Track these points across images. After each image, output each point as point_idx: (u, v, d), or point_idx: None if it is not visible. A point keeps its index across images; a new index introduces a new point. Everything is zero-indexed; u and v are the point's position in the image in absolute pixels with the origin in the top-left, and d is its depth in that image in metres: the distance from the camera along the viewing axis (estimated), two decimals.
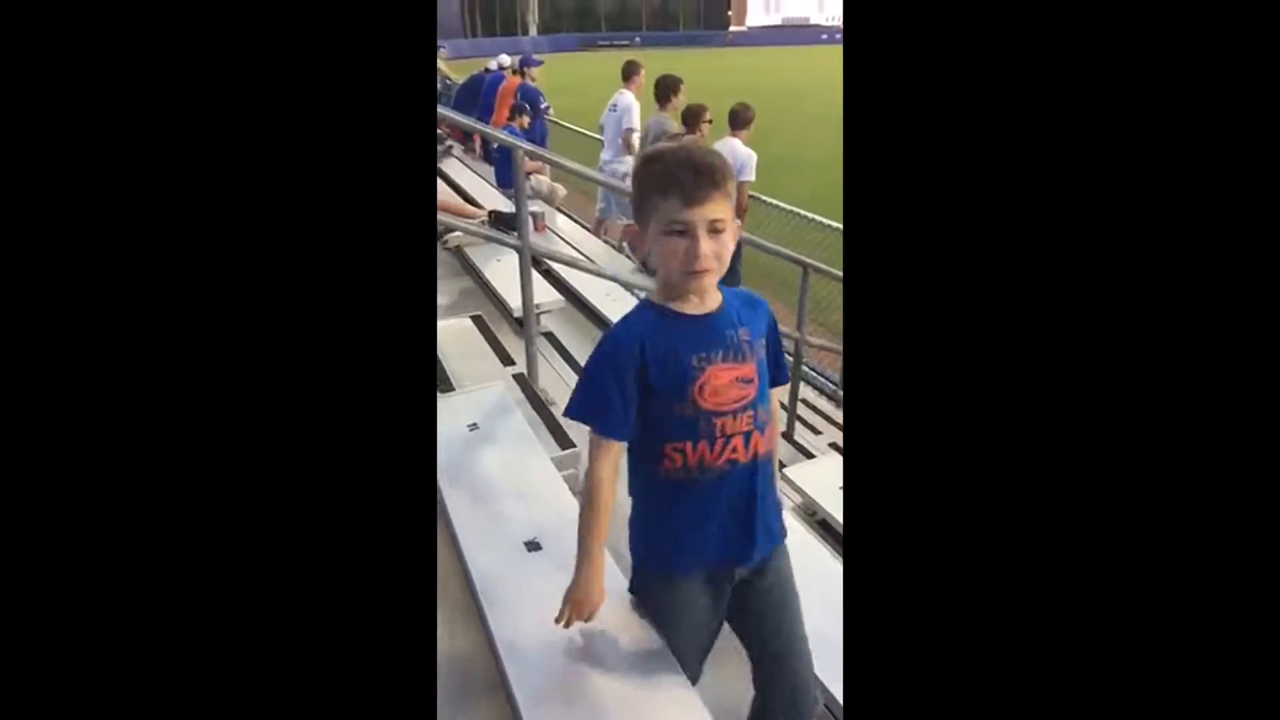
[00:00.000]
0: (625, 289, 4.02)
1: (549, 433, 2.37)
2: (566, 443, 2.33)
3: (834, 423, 4.42)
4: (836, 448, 3.85)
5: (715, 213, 1.14)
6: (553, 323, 3.67)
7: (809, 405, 4.66)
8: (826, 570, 2.05)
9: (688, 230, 1.13)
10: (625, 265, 5.09)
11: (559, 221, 5.74)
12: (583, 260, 3.97)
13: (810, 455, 3.52)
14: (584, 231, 5.80)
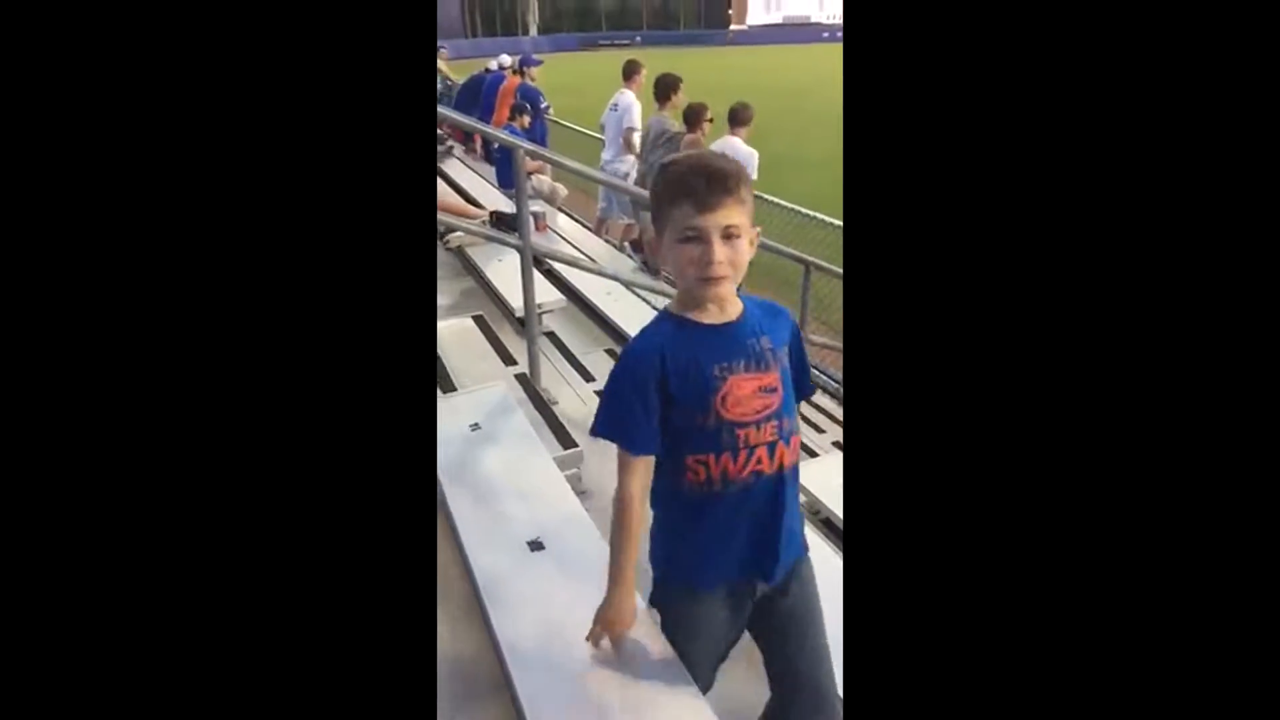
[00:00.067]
0: (626, 288, 4.02)
1: (551, 432, 2.37)
2: (569, 442, 2.33)
3: (837, 421, 4.41)
4: (840, 446, 3.84)
5: (729, 219, 1.11)
6: (554, 322, 3.66)
7: (811, 403, 4.64)
8: (831, 569, 2.05)
9: (701, 237, 1.11)
10: (626, 264, 5.09)
11: (560, 221, 5.74)
12: (584, 260, 3.97)
13: (813, 453, 3.52)
14: (585, 231, 5.80)
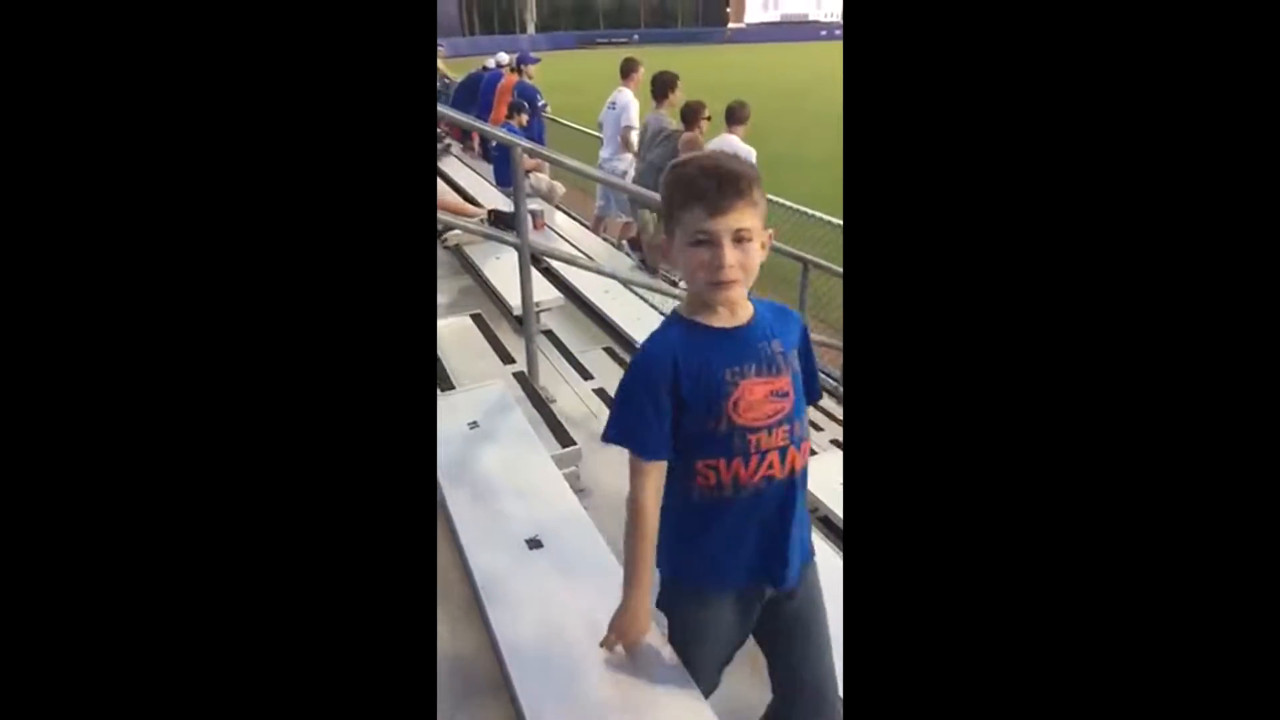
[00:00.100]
0: (625, 286, 4.01)
1: (549, 430, 2.36)
2: (567, 440, 2.33)
3: (835, 419, 4.41)
4: (838, 444, 3.84)
5: (741, 222, 1.10)
6: (552, 320, 3.66)
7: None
8: (830, 567, 2.04)
9: (712, 240, 1.10)
10: (625, 262, 5.09)
11: (558, 219, 5.74)
12: (582, 258, 3.96)
13: (812, 452, 3.51)
14: (583, 229, 5.79)
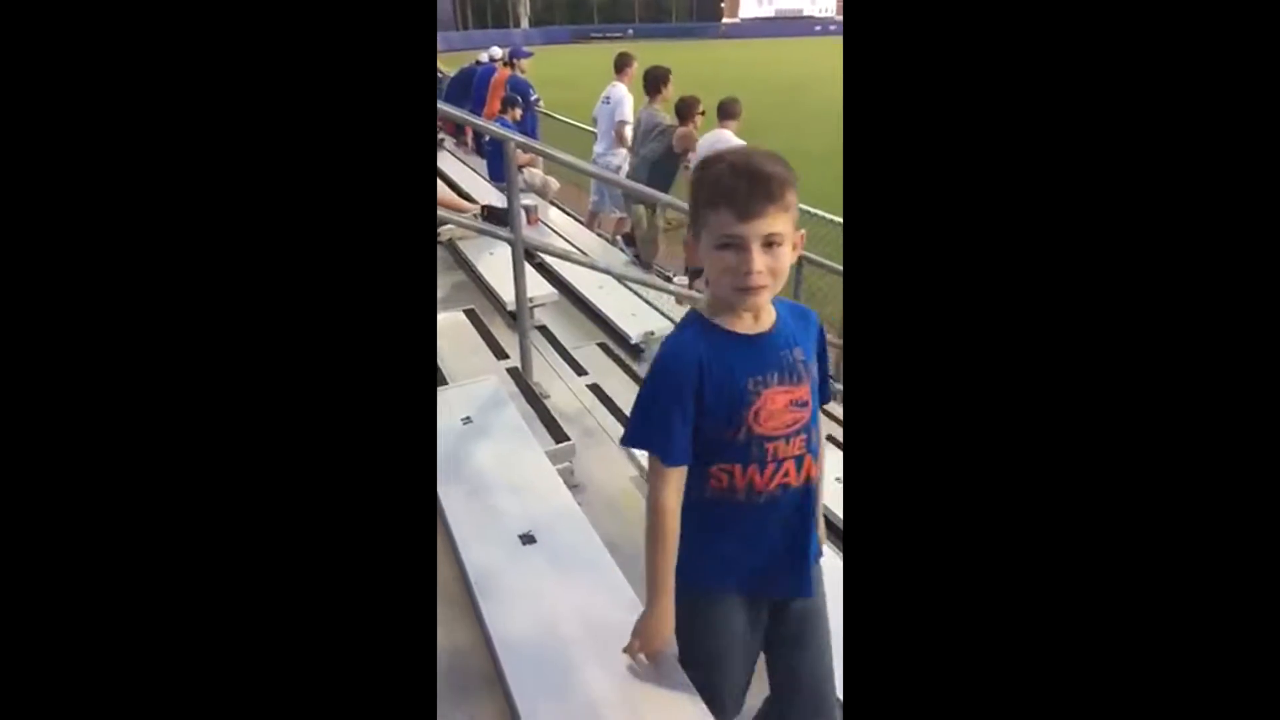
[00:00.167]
0: (619, 282, 4.01)
1: (543, 426, 2.36)
2: (560, 436, 2.32)
3: (833, 417, 4.42)
4: (835, 441, 3.85)
5: (771, 227, 1.04)
6: (546, 316, 3.66)
7: None
8: (829, 567, 2.05)
9: (740, 245, 1.05)
10: (619, 258, 5.08)
11: (552, 214, 5.73)
12: (576, 253, 3.96)
13: None
14: (577, 224, 5.78)
